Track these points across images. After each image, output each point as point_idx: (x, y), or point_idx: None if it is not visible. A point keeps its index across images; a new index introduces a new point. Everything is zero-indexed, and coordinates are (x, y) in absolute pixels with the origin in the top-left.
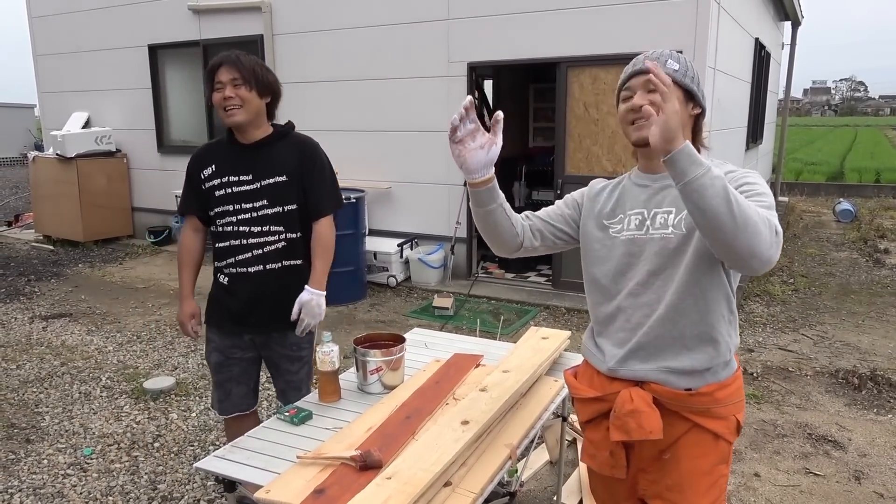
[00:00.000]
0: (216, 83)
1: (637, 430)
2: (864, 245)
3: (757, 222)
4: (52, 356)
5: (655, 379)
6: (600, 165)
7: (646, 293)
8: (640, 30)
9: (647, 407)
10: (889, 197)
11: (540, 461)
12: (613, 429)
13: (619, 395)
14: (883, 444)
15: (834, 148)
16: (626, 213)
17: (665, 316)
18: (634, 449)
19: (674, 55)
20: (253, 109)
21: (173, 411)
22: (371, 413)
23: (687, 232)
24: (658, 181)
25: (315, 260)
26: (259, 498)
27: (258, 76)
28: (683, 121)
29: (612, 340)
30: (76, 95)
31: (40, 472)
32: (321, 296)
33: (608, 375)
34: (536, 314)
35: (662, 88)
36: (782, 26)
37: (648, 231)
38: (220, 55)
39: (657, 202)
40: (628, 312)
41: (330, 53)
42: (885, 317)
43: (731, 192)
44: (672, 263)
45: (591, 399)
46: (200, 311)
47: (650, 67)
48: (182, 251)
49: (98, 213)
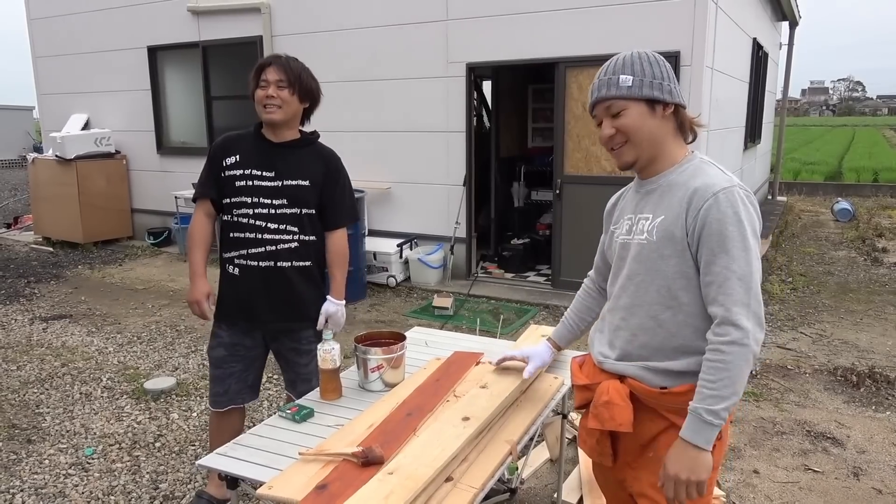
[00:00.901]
0: (262, 80)
1: (609, 420)
2: (863, 244)
3: (747, 366)
4: (53, 357)
5: (633, 374)
6: (599, 165)
7: (623, 296)
8: (639, 30)
9: (622, 400)
10: (887, 196)
11: (540, 459)
12: (591, 416)
13: (600, 386)
14: (881, 441)
15: (832, 148)
16: (624, 217)
17: (643, 325)
18: (619, 441)
19: (627, 64)
20: (291, 112)
21: (174, 411)
22: (372, 410)
23: (658, 240)
24: (645, 186)
25: (334, 270)
26: (262, 494)
27: (302, 82)
28: (657, 128)
29: (604, 337)
30: (75, 97)
31: (42, 473)
32: (342, 305)
33: (598, 367)
34: (536, 313)
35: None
36: (780, 26)
37: (633, 236)
38: (270, 56)
39: (641, 207)
40: (612, 314)
41: (329, 55)
42: (884, 315)
43: (736, 390)
44: (646, 270)
45: (582, 386)
46: (214, 291)
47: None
48: (194, 233)
49: (97, 215)
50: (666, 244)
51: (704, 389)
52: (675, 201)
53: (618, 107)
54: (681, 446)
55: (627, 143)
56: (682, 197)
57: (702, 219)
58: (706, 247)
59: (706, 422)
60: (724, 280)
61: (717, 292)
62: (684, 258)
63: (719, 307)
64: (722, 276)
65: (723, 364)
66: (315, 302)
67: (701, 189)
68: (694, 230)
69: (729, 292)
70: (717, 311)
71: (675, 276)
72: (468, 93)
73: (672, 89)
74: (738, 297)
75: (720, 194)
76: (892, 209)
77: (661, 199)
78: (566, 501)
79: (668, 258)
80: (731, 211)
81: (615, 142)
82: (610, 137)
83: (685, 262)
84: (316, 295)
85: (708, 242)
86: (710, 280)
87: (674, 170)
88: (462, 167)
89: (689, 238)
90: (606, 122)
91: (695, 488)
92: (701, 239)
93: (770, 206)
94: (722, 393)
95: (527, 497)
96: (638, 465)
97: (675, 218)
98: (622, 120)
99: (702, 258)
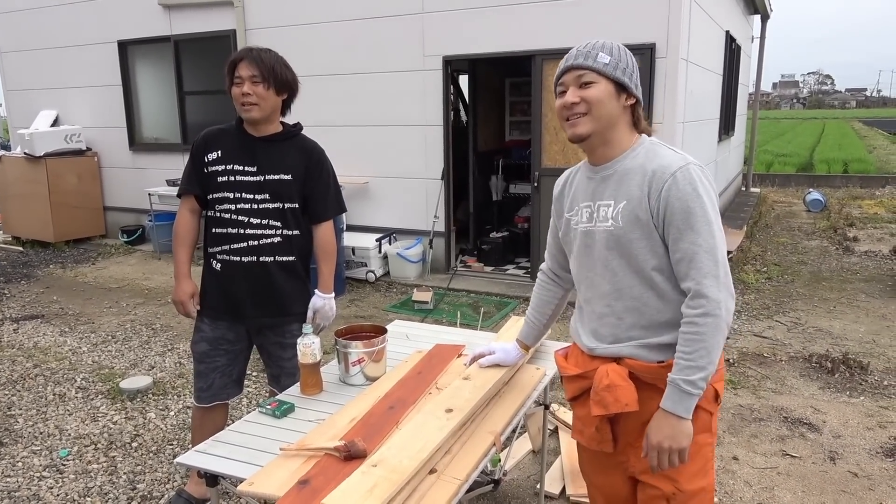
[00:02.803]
0: (235, 77)
1: (614, 403)
2: (834, 234)
3: (721, 336)
4: (24, 358)
5: (629, 354)
6: (577, 157)
7: (602, 284)
8: (615, 22)
9: (623, 381)
10: (857, 187)
11: (523, 450)
12: (593, 404)
13: (597, 372)
14: (856, 426)
15: (803, 140)
16: (580, 205)
17: (628, 307)
18: (619, 423)
19: (606, 46)
20: (269, 107)
21: (151, 411)
22: (354, 404)
23: (624, 225)
24: (599, 173)
25: (321, 265)
26: (242, 491)
27: (277, 74)
28: (617, 112)
29: (586, 327)
30: (43, 93)
31: (15, 475)
32: (331, 298)
33: (588, 354)
34: (516, 306)
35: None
36: (752, 20)
37: (596, 223)
38: (242, 50)
39: (599, 194)
40: (592, 303)
41: (303, 48)
42: (856, 302)
43: (711, 357)
44: (618, 255)
45: (574, 376)
46: (198, 289)
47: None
48: (179, 230)
49: (69, 213)
50: (633, 228)
51: (682, 361)
52: (635, 185)
53: (589, 77)
54: (662, 416)
55: (587, 116)
56: (640, 181)
57: (664, 199)
58: (672, 226)
59: (685, 391)
60: (693, 255)
61: (687, 268)
62: (653, 239)
63: (691, 281)
64: (690, 252)
65: (698, 336)
66: (299, 297)
67: (658, 171)
68: (658, 211)
69: (699, 266)
70: (690, 286)
71: (648, 256)
72: (445, 86)
73: (638, 85)
74: (708, 270)
75: (678, 174)
76: (862, 199)
77: (619, 184)
78: (549, 492)
79: (637, 241)
80: (690, 188)
81: (575, 111)
82: (572, 104)
83: (654, 242)
84: (299, 289)
85: (673, 221)
86: (679, 257)
87: (627, 155)
88: (440, 161)
89: (655, 220)
90: (573, 91)
91: (677, 455)
92: (665, 219)
93: (744, 197)
94: (699, 363)
95: (510, 488)
96: (640, 443)
97: (637, 202)
98: (590, 91)
99: (669, 237)
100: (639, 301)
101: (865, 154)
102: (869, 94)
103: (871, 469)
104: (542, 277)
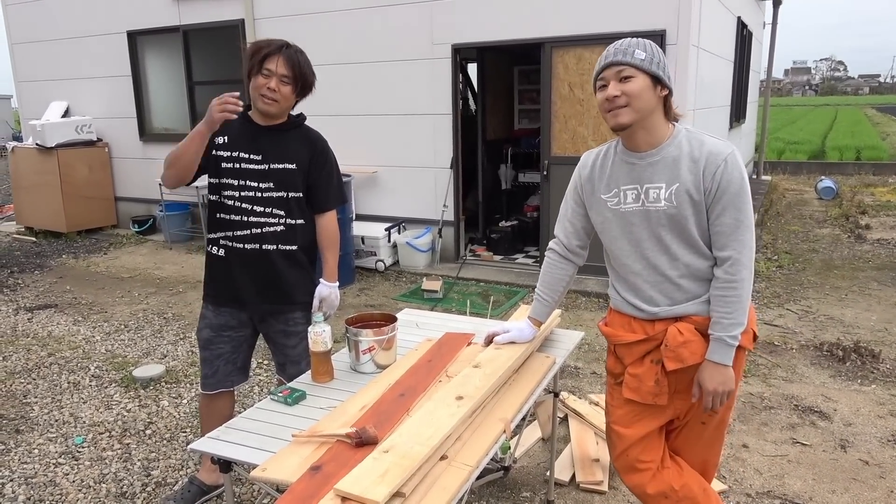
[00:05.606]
0: (265, 69)
1: (690, 356)
2: (846, 221)
3: (750, 295)
4: (39, 347)
5: (695, 312)
6: (586, 146)
7: (657, 256)
8: (625, 9)
9: (695, 336)
10: (869, 174)
11: (532, 438)
12: (668, 360)
13: (669, 332)
14: (867, 414)
15: (815, 127)
16: (621, 188)
17: (683, 273)
18: (674, 375)
19: (640, 44)
20: (286, 106)
21: (164, 398)
22: (365, 392)
23: (679, 204)
24: (644, 159)
25: (325, 253)
26: (255, 477)
27: (305, 79)
28: (654, 103)
29: (641, 296)
30: (54, 84)
31: (31, 462)
32: (336, 287)
33: (647, 319)
34: (525, 295)
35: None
36: (764, 5)
37: (644, 204)
38: (276, 42)
39: (648, 178)
40: (644, 274)
41: (311, 37)
42: (867, 291)
43: (742, 308)
44: (672, 229)
45: (638, 342)
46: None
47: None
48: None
49: (80, 204)
50: (686, 206)
51: (724, 320)
52: (685, 169)
53: (628, 72)
54: (712, 367)
55: (628, 107)
56: (691, 166)
57: (717, 181)
58: (719, 203)
59: (729, 345)
60: (735, 229)
61: (727, 239)
62: (701, 214)
63: (731, 250)
64: (733, 226)
65: (737, 298)
66: (302, 285)
67: (710, 157)
68: (710, 191)
69: (739, 238)
70: (730, 254)
71: (696, 229)
72: (454, 74)
73: (670, 77)
74: (746, 242)
75: (728, 158)
76: (875, 187)
77: (668, 169)
78: (559, 479)
79: (689, 217)
80: (737, 173)
81: (617, 103)
82: (615, 97)
83: (701, 216)
84: (302, 278)
85: (721, 199)
86: (720, 230)
87: (670, 142)
88: (449, 150)
89: (707, 197)
90: (613, 85)
91: (727, 397)
92: (715, 197)
93: (755, 184)
94: (739, 320)
95: (520, 475)
96: (689, 391)
97: (690, 184)
98: (630, 85)
99: (713, 212)
100: (689, 269)
101: (878, 141)
102: (883, 80)
103: (882, 457)
104: (553, 256)
